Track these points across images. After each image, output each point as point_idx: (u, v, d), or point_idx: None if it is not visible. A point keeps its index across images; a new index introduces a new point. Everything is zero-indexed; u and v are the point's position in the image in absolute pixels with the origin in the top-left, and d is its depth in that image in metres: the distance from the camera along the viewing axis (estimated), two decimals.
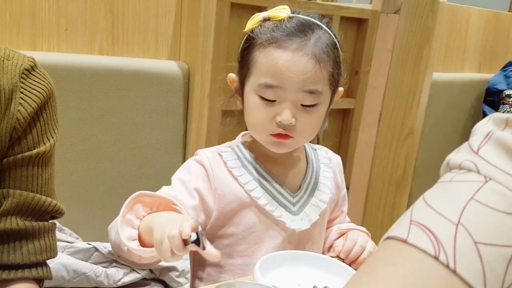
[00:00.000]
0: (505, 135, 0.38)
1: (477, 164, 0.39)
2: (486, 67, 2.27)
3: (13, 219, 0.71)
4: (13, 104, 0.70)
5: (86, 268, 1.33)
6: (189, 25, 1.47)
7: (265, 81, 0.82)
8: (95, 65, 1.34)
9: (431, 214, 0.37)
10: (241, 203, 0.87)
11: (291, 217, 0.88)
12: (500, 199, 0.37)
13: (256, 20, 0.86)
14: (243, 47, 0.87)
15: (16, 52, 0.74)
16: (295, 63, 0.80)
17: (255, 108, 0.84)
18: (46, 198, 0.74)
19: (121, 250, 0.75)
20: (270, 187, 0.88)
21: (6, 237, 0.71)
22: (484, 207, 0.36)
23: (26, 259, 0.71)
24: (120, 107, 1.40)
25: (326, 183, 0.95)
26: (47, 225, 0.75)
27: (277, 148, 0.87)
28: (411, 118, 1.81)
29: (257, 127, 0.86)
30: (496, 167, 0.38)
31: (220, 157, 0.89)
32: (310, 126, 0.86)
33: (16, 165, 0.72)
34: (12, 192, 0.71)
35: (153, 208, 0.77)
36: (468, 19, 2.09)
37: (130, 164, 1.46)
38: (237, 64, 0.90)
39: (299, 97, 0.82)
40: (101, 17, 1.36)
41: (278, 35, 0.81)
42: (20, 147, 0.72)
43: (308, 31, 0.82)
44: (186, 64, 1.49)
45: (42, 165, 0.74)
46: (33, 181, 0.73)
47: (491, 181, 0.37)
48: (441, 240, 0.36)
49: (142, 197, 0.76)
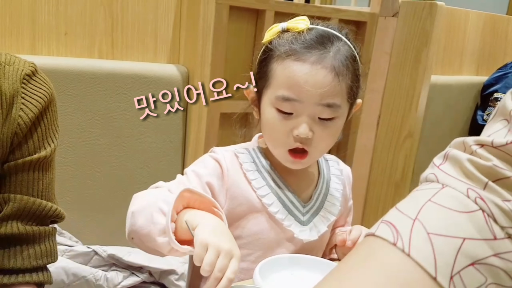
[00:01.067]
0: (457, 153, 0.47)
1: (437, 175, 0.47)
2: (484, 70, 2.27)
3: (14, 223, 0.71)
4: (14, 109, 0.70)
5: (86, 271, 1.33)
6: (188, 28, 1.47)
7: (282, 94, 0.81)
8: (95, 68, 1.34)
9: (395, 213, 0.46)
10: (251, 207, 0.86)
11: (300, 227, 0.88)
12: (453, 201, 0.44)
13: (274, 31, 0.85)
14: (261, 58, 0.86)
15: (17, 58, 0.74)
16: (313, 76, 0.79)
17: (272, 122, 0.83)
18: (47, 202, 0.74)
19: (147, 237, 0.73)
20: (283, 195, 0.88)
21: (7, 241, 0.71)
22: (439, 206, 0.44)
23: (27, 263, 0.71)
24: (120, 110, 1.40)
25: (336, 195, 0.94)
26: (48, 229, 0.75)
27: (293, 165, 0.87)
28: (409, 120, 1.81)
29: (275, 141, 0.85)
30: (452, 176, 0.45)
31: (237, 158, 0.88)
32: (327, 139, 0.85)
33: (17, 169, 0.72)
34: (13, 196, 0.71)
35: (189, 203, 0.75)
36: (466, 22, 2.09)
37: (129, 167, 1.46)
38: (255, 75, 0.88)
39: (317, 110, 0.81)
40: (101, 21, 1.36)
41: (297, 47, 0.80)
42: (21, 152, 0.72)
43: (327, 43, 0.81)
44: (186, 68, 1.49)
45: (42, 169, 0.74)
46: (33, 186, 0.73)
47: (447, 187, 0.45)
48: (400, 231, 0.43)
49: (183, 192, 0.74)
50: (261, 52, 0.87)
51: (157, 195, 0.77)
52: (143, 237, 0.74)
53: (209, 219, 0.72)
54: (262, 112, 0.86)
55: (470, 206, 0.43)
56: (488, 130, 0.48)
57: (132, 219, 0.75)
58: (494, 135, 0.46)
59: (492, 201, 0.43)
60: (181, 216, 0.73)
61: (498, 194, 0.43)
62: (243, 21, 1.65)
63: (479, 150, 0.45)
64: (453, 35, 2.07)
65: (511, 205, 0.42)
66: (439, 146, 0.55)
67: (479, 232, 0.42)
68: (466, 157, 0.45)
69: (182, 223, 0.72)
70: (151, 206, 0.74)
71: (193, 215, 0.72)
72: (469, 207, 0.43)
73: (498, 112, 0.49)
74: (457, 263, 0.41)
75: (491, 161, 0.44)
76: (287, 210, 0.88)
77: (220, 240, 0.67)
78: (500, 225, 0.42)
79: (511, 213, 0.42)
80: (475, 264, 0.41)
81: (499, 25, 2.27)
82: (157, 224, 0.71)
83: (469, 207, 0.43)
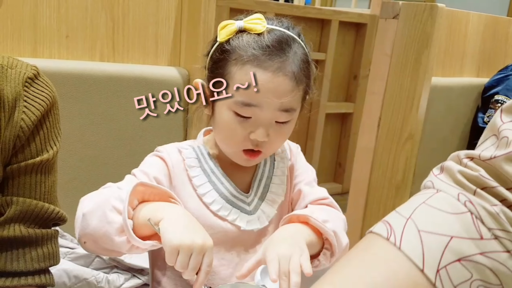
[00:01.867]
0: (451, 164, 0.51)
1: (434, 182, 0.51)
2: (484, 72, 2.27)
3: (17, 226, 0.71)
4: (16, 112, 0.70)
5: (87, 274, 1.33)
6: (188, 31, 1.47)
7: (242, 99, 0.80)
8: (96, 71, 1.34)
9: (393, 214, 0.51)
10: (194, 204, 0.86)
11: (248, 217, 0.87)
12: (445, 203, 0.48)
13: (231, 30, 0.83)
14: (217, 57, 0.84)
15: (19, 61, 0.74)
16: (274, 84, 0.79)
17: (229, 124, 0.83)
18: (49, 205, 0.74)
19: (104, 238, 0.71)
20: (225, 191, 0.87)
21: (10, 244, 0.71)
22: (432, 208, 0.48)
23: (29, 266, 0.71)
24: (121, 113, 1.41)
25: (279, 175, 0.94)
26: (50, 232, 0.75)
27: (246, 163, 0.87)
28: (410, 122, 1.81)
29: (230, 142, 0.85)
30: (446, 183, 0.50)
31: (180, 153, 0.88)
32: (281, 140, 0.87)
33: (20, 172, 0.72)
34: (15, 199, 0.71)
35: (144, 197, 0.75)
36: (466, 24, 2.10)
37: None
38: (206, 71, 0.88)
39: (275, 115, 0.82)
40: (102, 24, 1.37)
41: (258, 54, 0.79)
42: (23, 155, 0.72)
43: (286, 48, 0.81)
44: (186, 70, 1.50)
45: (45, 172, 0.74)
46: (36, 189, 0.73)
47: (441, 192, 0.50)
48: (394, 227, 0.48)
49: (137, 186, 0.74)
50: (216, 50, 0.85)
51: (108, 194, 0.76)
52: (99, 239, 0.73)
53: (171, 211, 0.71)
54: (216, 112, 0.85)
55: (460, 208, 0.47)
56: (481, 146, 0.52)
57: (83, 222, 0.73)
58: (483, 150, 0.50)
59: (481, 205, 0.47)
60: (138, 212, 0.72)
61: (486, 200, 0.47)
62: None
63: (469, 162, 0.50)
64: (454, 37, 2.07)
65: (498, 209, 0.46)
66: (440, 148, 0.59)
67: (467, 231, 0.46)
68: (457, 168, 0.50)
69: (138, 218, 0.71)
70: (103, 205, 0.72)
71: (153, 209, 0.71)
72: (459, 209, 0.47)
73: (489, 127, 0.53)
74: (444, 258, 0.44)
75: (478, 171, 0.48)
76: (230, 204, 0.87)
77: (189, 236, 0.67)
78: (487, 226, 0.46)
79: (498, 216, 0.46)
80: (461, 260, 0.45)
81: (500, 27, 2.27)
82: (113, 223, 0.70)
83: (459, 209, 0.47)
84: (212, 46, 0.87)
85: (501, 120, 0.51)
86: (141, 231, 0.71)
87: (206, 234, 0.71)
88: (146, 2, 1.42)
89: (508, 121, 0.50)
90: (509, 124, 0.49)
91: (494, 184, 0.47)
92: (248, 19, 0.84)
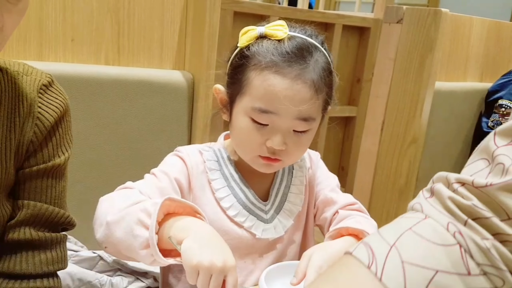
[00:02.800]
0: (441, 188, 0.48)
1: (423, 206, 0.48)
2: (488, 76, 2.27)
3: (27, 229, 0.72)
4: (30, 118, 0.72)
5: (91, 276, 1.34)
6: (194, 35, 1.48)
7: (259, 106, 0.79)
8: (101, 75, 1.35)
9: (376, 237, 0.47)
10: (212, 208, 0.85)
11: (264, 226, 0.87)
12: (433, 232, 0.45)
13: (251, 35, 0.82)
14: (236, 63, 0.84)
15: (35, 68, 0.76)
16: (293, 91, 0.78)
17: (246, 131, 0.82)
18: (59, 209, 0.75)
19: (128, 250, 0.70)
20: (243, 197, 0.87)
21: (19, 247, 0.72)
22: (417, 236, 0.45)
23: (38, 269, 0.72)
24: (126, 116, 1.41)
25: (297, 185, 0.93)
26: (59, 236, 0.76)
27: (264, 169, 0.86)
28: (413, 127, 1.81)
29: (246, 149, 0.84)
30: (435, 209, 0.47)
31: (201, 155, 0.87)
32: (300, 150, 0.86)
33: (31, 176, 0.73)
34: (26, 203, 0.73)
35: (169, 210, 0.73)
36: (470, 28, 2.10)
37: (135, 173, 1.45)
38: (226, 77, 0.87)
39: (293, 124, 0.81)
40: (107, 28, 1.37)
41: (277, 60, 0.78)
42: (35, 159, 0.73)
43: (307, 56, 0.80)
44: (191, 74, 1.50)
45: (56, 177, 0.75)
46: (46, 193, 0.74)
47: (429, 218, 0.46)
48: (376, 255, 0.44)
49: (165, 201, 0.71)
50: (236, 56, 0.84)
51: (132, 201, 0.73)
52: (122, 249, 0.72)
53: (195, 230, 0.68)
54: (234, 118, 0.85)
55: (448, 239, 0.44)
56: (470, 168, 0.49)
57: (107, 230, 0.72)
58: (475, 175, 0.47)
59: (471, 238, 0.44)
60: (164, 228, 0.70)
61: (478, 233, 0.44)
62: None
63: (460, 188, 0.47)
64: (457, 41, 2.07)
65: (489, 244, 0.43)
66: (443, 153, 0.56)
67: (454, 266, 0.43)
68: (448, 194, 0.47)
69: (163, 234, 0.69)
70: (129, 217, 0.70)
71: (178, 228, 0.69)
72: (447, 240, 0.44)
73: (480, 149, 0.50)
74: None
75: (471, 200, 0.45)
76: (247, 211, 0.86)
77: (209, 256, 0.64)
78: (476, 261, 0.43)
79: (489, 252, 0.43)
80: None
81: (503, 32, 2.27)
82: (139, 237, 0.68)
83: (447, 240, 0.44)
84: (233, 52, 0.86)
85: (494, 144, 0.47)
86: (165, 246, 0.70)
87: (228, 253, 0.68)
88: (151, 5, 1.42)
89: (502, 145, 0.47)
90: (503, 149, 0.46)
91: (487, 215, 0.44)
92: (270, 25, 0.83)
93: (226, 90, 0.87)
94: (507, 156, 0.45)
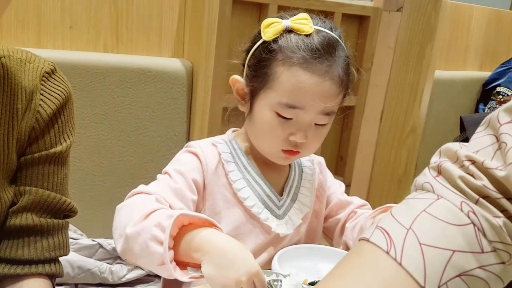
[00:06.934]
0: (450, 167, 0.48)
1: (433, 185, 0.48)
2: (487, 65, 2.27)
3: (29, 215, 0.72)
4: (33, 104, 0.72)
5: (91, 264, 1.34)
6: (192, 23, 1.47)
7: (287, 102, 0.79)
8: (100, 62, 1.34)
9: (391, 221, 0.47)
10: (227, 201, 0.85)
11: (276, 221, 0.87)
12: (447, 213, 0.46)
13: (278, 29, 0.81)
14: (262, 56, 0.82)
15: (37, 56, 0.76)
16: (322, 88, 0.79)
17: (270, 125, 0.82)
18: (61, 196, 0.75)
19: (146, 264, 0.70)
20: (259, 189, 0.87)
21: (21, 232, 0.72)
22: (432, 218, 0.46)
23: (40, 254, 0.72)
24: (124, 104, 1.41)
25: (308, 187, 0.94)
26: (61, 222, 0.76)
27: (283, 161, 0.87)
28: (413, 116, 1.81)
29: (268, 142, 0.84)
30: (447, 188, 0.47)
31: (215, 147, 0.87)
32: (318, 142, 0.86)
33: (33, 163, 0.73)
34: (28, 189, 0.73)
35: (184, 222, 0.69)
36: (470, 17, 2.09)
37: (134, 160, 1.46)
38: (247, 68, 0.85)
39: (316, 118, 0.82)
40: (106, 15, 1.36)
41: (308, 56, 0.78)
42: (37, 146, 0.73)
43: (333, 52, 0.80)
44: (190, 62, 1.49)
45: (58, 164, 0.75)
46: (48, 179, 0.74)
47: (442, 198, 0.47)
48: (394, 239, 0.45)
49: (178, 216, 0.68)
50: (262, 49, 0.83)
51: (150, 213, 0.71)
52: (142, 264, 0.73)
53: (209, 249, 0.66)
54: (256, 111, 0.84)
55: (463, 219, 0.45)
56: (476, 143, 0.50)
57: (126, 244, 0.71)
58: (484, 152, 0.48)
59: (484, 216, 0.45)
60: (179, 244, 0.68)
61: (489, 211, 0.45)
62: (246, 15, 1.65)
63: (471, 167, 0.47)
64: (457, 30, 2.07)
65: (501, 222, 0.45)
66: (442, 142, 0.56)
67: (468, 245, 0.44)
68: (458, 174, 0.47)
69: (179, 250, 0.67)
70: (145, 233, 0.68)
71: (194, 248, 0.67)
72: (462, 220, 0.45)
73: (486, 123, 0.51)
74: (445, 274, 0.43)
75: (481, 180, 0.46)
76: (263, 204, 0.86)
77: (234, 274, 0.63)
78: (488, 239, 0.45)
79: (500, 229, 0.44)
80: (461, 275, 0.43)
81: (503, 21, 2.26)
82: (154, 254, 0.67)
83: (462, 220, 0.45)
84: (254, 43, 0.84)
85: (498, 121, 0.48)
86: (183, 258, 0.68)
87: (249, 259, 0.65)
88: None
89: (505, 123, 0.47)
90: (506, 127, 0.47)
91: (497, 196, 0.45)
92: (294, 18, 0.82)
93: (246, 82, 0.85)
94: (509, 135, 0.46)
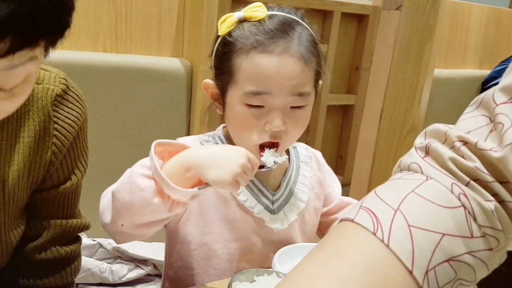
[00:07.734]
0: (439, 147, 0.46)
1: (422, 166, 0.46)
2: (487, 64, 2.27)
3: (53, 248, 0.72)
4: (47, 136, 0.65)
5: (91, 264, 1.34)
6: (191, 22, 1.47)
7: (251, 89, 0.77)
8: (99, 62, 1.34)
9: (377, 201, 0.44)
10: (219, 197, 0.84)
11: (270, 216, 0.86)
12: (436, 194, 0.43)
13: (231, 21, 0.80)
14: (220, 52, 0.81)
15: (47, 71, 0.67)
16: (282, 67, 0.76)
17: (242, 118, 0.80)
18: (77, 220, 0.74)
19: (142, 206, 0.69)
20: (250, 184, 0.86)
21: (47, 263, 0.72)
22: (422, 199, 0.43)
23: (64, 280, 0.73)
24: (124, 104, 1.41)
25: (305, 183, 0.92)
26: (76, 246, 0.76)
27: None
28: (412, 115, 1.81)
29: (247, 137, 0.81)
30: (436, 169, 0.45)
31: (201, 145, 0.86)
32: (300, 128, 0.84)
33: (49, 197, 0.70)
34: (51, 223, 0.71)
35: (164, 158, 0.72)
36: (469, 15, 2.09)
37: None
38: (213, 70, 0.84)
39: (288, 101, 0.78)
40: (105, 15, 1.36)
41: (261, 38, 0.76)
42: (51, 181, 0.69)
43: (289, 30, 0.78)
44: (189, 61, 1.49)
45: (75, 192, 0.74)
46: (67, 208, 0.72)
47: (431, 179, 0.44)
48: (381, 220, 0.42)
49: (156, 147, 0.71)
50: (220, 45, 0.82)
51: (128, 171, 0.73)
52: (137, 213, 0.70)
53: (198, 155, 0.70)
54: (228, 109, 0.82)
55: (453, 201, 0.43)
56: (468, 123, 0.47)
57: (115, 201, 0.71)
58: (477, 132, 0.45)
59: (475, 199, 0.43)
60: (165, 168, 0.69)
61: (481, 194, 0.43)
62: None
63: (462, 148, 0.45)
64: (457, 28, 2.07)
65: (492, 206, 0.43)
66: None
67: (458, 229, 0.42)
68: (448, 155, 0.45)
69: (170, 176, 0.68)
70: (129, 178, 0.70)
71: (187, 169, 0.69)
72: (452, 202, 0.43)
73: (477, 103, 0.48)
74: (434, 259, 0.41)
75: (473, 162, 0.44)
76: (255, 199, 0.85)
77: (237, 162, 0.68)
78: (478, 223, 0.43)
79: (491, 214, 0.43)
80: (449, 260, 0.41)
81: (502, 19, 2.26)
82: (146, 188, 0.67)
83: (452, 202, 0.43)
84: (215, 43, 0.84)
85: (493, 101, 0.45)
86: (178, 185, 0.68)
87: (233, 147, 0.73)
88: None
89: (501, 103, 0.45)
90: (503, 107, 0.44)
91: (489, 179, 0.43)
92: (247, 8, 0.81)
93: (215, 82, 0.84)
94: (506, 116, 0.44)
